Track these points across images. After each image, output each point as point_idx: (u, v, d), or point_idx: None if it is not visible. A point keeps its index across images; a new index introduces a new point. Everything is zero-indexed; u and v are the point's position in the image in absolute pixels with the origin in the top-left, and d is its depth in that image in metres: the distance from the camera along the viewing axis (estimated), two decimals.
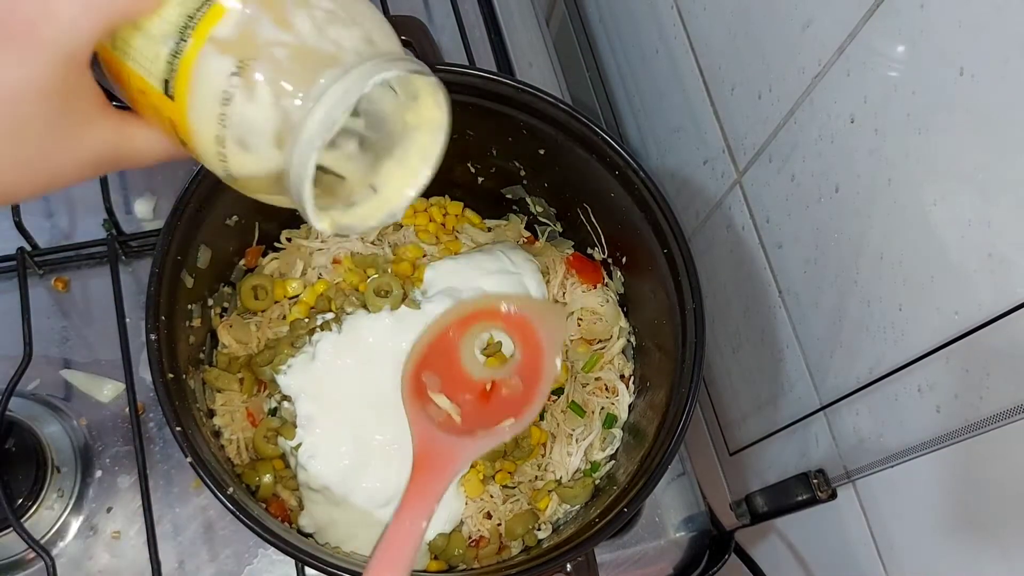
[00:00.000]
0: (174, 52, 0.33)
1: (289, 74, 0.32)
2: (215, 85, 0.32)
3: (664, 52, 0.71)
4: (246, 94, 0.32)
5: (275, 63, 0.32)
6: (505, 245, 0.70)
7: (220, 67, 0.32)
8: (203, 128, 0.33)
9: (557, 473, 0.64)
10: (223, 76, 0.32)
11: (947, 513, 0.49)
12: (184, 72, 0.33)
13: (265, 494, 0.61)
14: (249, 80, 0.32)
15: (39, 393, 0.67)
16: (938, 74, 0.42)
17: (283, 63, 0.32)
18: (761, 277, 0.63)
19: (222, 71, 0.32)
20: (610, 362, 0.69)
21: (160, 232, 0.56)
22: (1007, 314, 0.41)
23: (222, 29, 0.32)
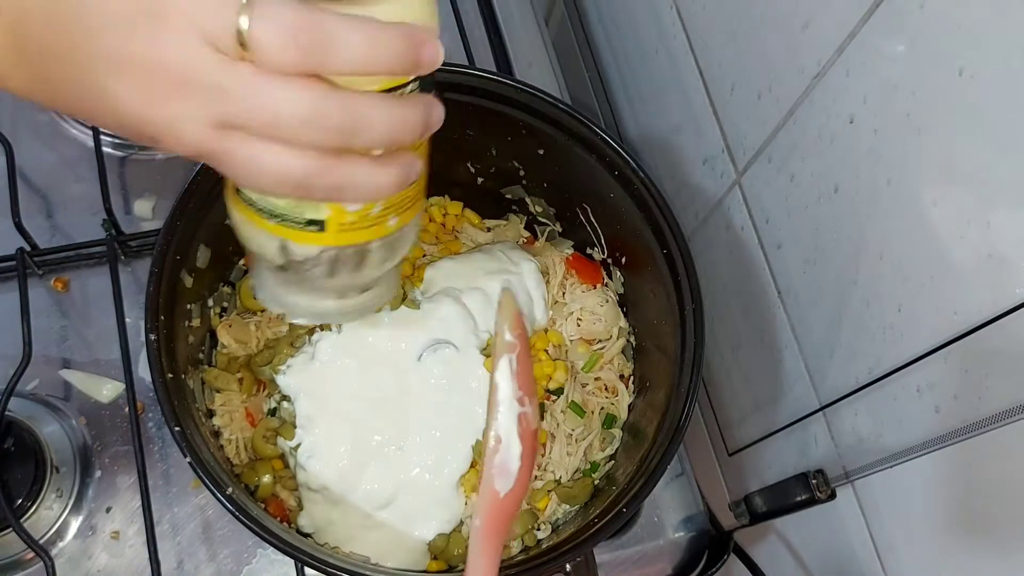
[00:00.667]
0: (256, 207, 0.37)
1: (302, 291, 0.42)
2: (260, 248, 0.39)
3: (663, 52, 0.71)
4: (271, 272, 0.41)
5: (301, 284, 0.41)
6: (505, 245, 0.70)
7: (271, 253, 0.39)
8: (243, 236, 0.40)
9: (556, 473, 0.64)
10: (267, 255, 0.39)
11: (946, 513, 0.49)
12: (250, 217, 0.38)
13: (264, 494, 0.61)
14: (279, 272, 0.40)
15: (39, 393, 0.67)
16: (938, 74, 0.42)
17: (304, 287, 0.42)
18: (760, 277, 0.63)
19: (269, 255, 0.39)
20: (610, 362, 0.69)
21: (159, 232, 0.56)
22: (1006, 314, 0.41)
23: (295, 249, 0.38)
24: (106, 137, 0.74)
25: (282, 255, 0.38)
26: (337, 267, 0.39)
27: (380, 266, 0.40)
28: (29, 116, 0.76)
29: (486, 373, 0.63)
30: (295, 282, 0.41)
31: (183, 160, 0.76)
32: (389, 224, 0.38)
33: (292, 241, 0.37)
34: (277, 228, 0.37)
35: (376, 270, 0.40)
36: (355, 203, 0.36)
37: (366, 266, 0.40)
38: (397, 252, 0.41)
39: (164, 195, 0.74)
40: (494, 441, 0.41)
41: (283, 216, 0.36)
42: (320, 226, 0.36)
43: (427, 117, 0.34)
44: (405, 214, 0.39)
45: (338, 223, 0.36)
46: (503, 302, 0.46)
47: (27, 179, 0.73)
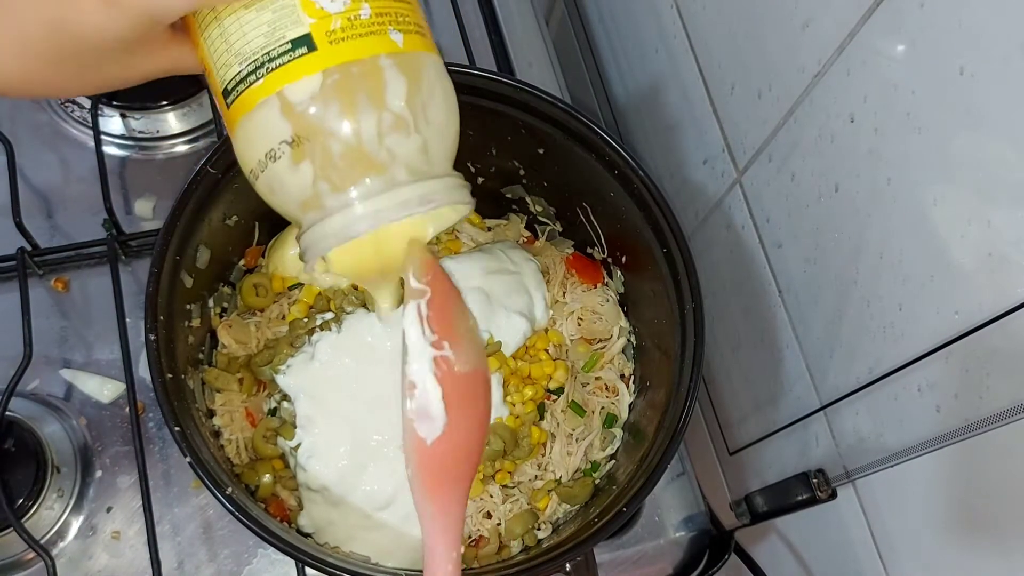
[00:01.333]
0: (243, 78, 0.33)
1: (334, 169, 0.33)
2: (266, 138, 0.33)
3: (664, 51, 0.71)
4: (290, 163, 0.33)
5: (326, 153, 0.33)
6: (505, 244, 0.70)
7: (277, 127, 0.33)
8: (244, 154, 0.34)
9: (557, 473, 0.64)
10: (276, 137, 0.33)
11: (947, 513, 0.49)
12: (245, 104, 0.33)
13: (264, 494, 0.61)
14: (297, 155, 0.33)
15: (39, 393, 0.67)
16: (938, 73, 0.42)
17: (333, 157, 0.33)
18: (761, 276, 0.63)
19: (277, 132, 0.33)
20: (610, 362, 0.68)
21: (159, 232, 0.56)
22: (1007, 314, 0.41)
23: (294, 93, 0.32)
24: (107, 137, 0.74)
25: (287, 116, 0.32)
26: (353, 96, 0.32)
27: (411, 107, 0.34)
28: (29, 116, 0.76)
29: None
30: (325, 168, 0.33)
31: (183, 160, 0.76)
32: (392, 37, 0.33)
33: (289, 84, 0.32)
34: (268, 81, 0.32)
35: (408, 112, 0.33)
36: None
37: (388, 98, 0.33)
38: (425, 92, 0.34)
39: (164, 195, 0.74)
40: (407, 388, 0.36)
41: (267, 54, 0.32)
42: (308, 44, 0.32)
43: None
44: (412, 36, 0.34)
45: (325, 32, 0.32)
46: (408, 250, 0.40)
47: (27, 179, 0.73)
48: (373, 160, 0.33)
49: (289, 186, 0.34)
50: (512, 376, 0.64)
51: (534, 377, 0.65)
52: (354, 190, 0.33)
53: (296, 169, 0.33)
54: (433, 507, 0.37)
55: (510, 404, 0.63)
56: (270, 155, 0.33)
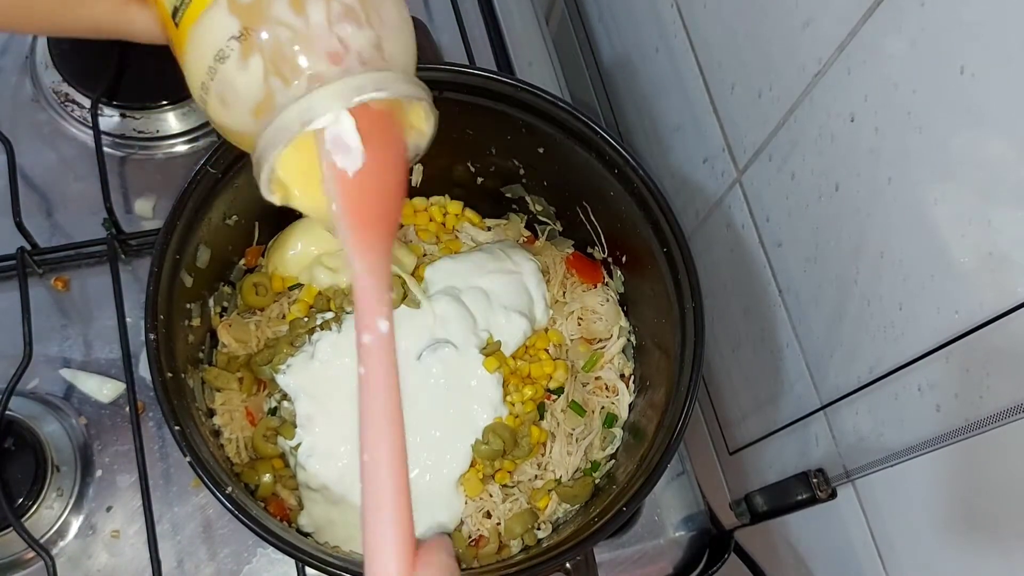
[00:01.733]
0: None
1: (285, 59, 0.32)
2: (214, 39, 0.32)
3: (664, 50, 0.71)
4: (239, 61, 0.32)
5: (276, 42, 0.32)
6: (505, 244, 0.70)
7: (224, 25, 0.32)
8: (194, 68, 0.33)
9: (557, 472, 0.64)
10: (224, 35, 0.32)
11: (947, 512, 0.49)
12: (192, 13, 0.32)
13: (264, 493, 0.61)
14: (246, 49, 0.32)
15: (39, 392, 0.67)
16: (939, 72, 0.42)
17: (283, 46, 0.32)
18: (761, 276, 0.63)
19: (224, 30, 0.32)
20: (610, 361, 0.68)
21: (159, 231, 0.56)
22: (1007, 313, 0.41)
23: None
24: (107, 136, 0.74)
25: (233, 10, 0.31)
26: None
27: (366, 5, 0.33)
28: (29, 115, 0.76)
29: (486, 373, 0.63)
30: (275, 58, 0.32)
31: (183, 159, 0.76)
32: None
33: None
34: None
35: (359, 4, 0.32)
36: None
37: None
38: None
39: (164, 194, 0.74)
40: (322, 125, 0.33)
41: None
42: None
43: None
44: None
45: None
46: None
47: (27, 178, 0.73)
48: (324, 48, 0.32)
49: (240, 89, 0.32)
50: (512, 376, 0.64)
51: (534, 377, 0.65)
52: (306, 79, 0.32)
53: (246, 66, 0.32)
54: (361, 242, 0.35)
55: (510, 404, 0.63)
56: (219, 56, 0.32)
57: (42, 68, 0.77)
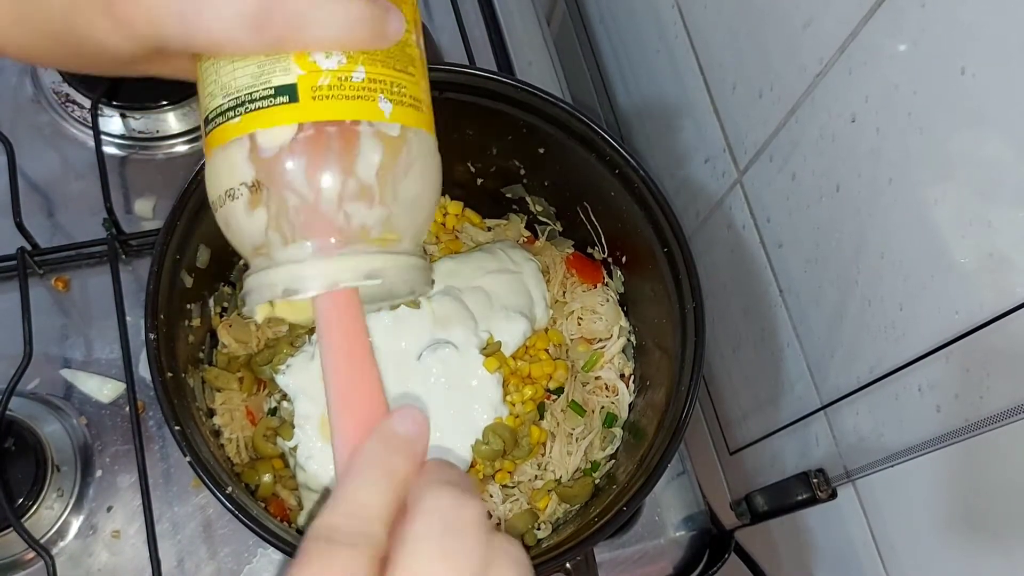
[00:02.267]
0: (222, 111, 0.32)
1: (287, 222, 0.32)
2: (229, 177, 0.32)
3: (665, 51, 0.71)
4: (246, 206, 0.32)
5: (282, 205, 0.32)
6: (505, 244, 0.70)
7: (240, 168, 0.32)
8: (211, 182, 0.34)
9: (557, 472, 0.64)
10: (237, 178, 0.32)
11: (947, 513, 0.49)
12: (219, 137, 0.33)
13: (265, 493, 0.61)
14: (254, 200, 0.32)
15: (39, 392, 0.67)
16: (940, 73, 0.42)
17: (289, 211, 0.32)
18: (761, 276, 0.63)
19: (239, 173, 0.32)
20: (610, 361, 0.68)
21: (160, 232, 0.56)
22: (1007, 314, 0.41)
23: (264, 138, 0.32)
24: (107, 136, 0.74)
25: (252, 161, 0.32)
26: (320, 158, 0.31)
27: (380, 179, 0.32)
28: (29, 116, 0.76)
29: (486, 373, 0.63)
30: (278, 218, 0.32)
31: (183, 159, 0.76)
32: (380, 107, 0.32)
33: (261, 129, 0.31)
34: (244, 121, 0.32)
35: (376, 183, 0.32)
36: (318, 41, 0.30)
37: (358, 165, 0.31)
38: (401, 166, 0.33)
39: (164, 195, 0.74)
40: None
41: (249, 94, 0.31)
42: (290, 94, 0.31)
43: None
44: (403, 109, 0.33)
45: (311, 86, 0.31)
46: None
47: (28, 179, 0.73)
48: (328, 222, 0.32)
49: (243, 228, 0.33)
50: (512, 376, 0.64)
51: (534, 377, 0.65)
52: (302, 248, 0.32)
53: (251, 213, 0.32)
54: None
55: (510, 404, 0.63)
56: (229, 193, 0.33)
57: (42, 68, 0.77)
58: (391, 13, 0.31)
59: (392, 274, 0.33)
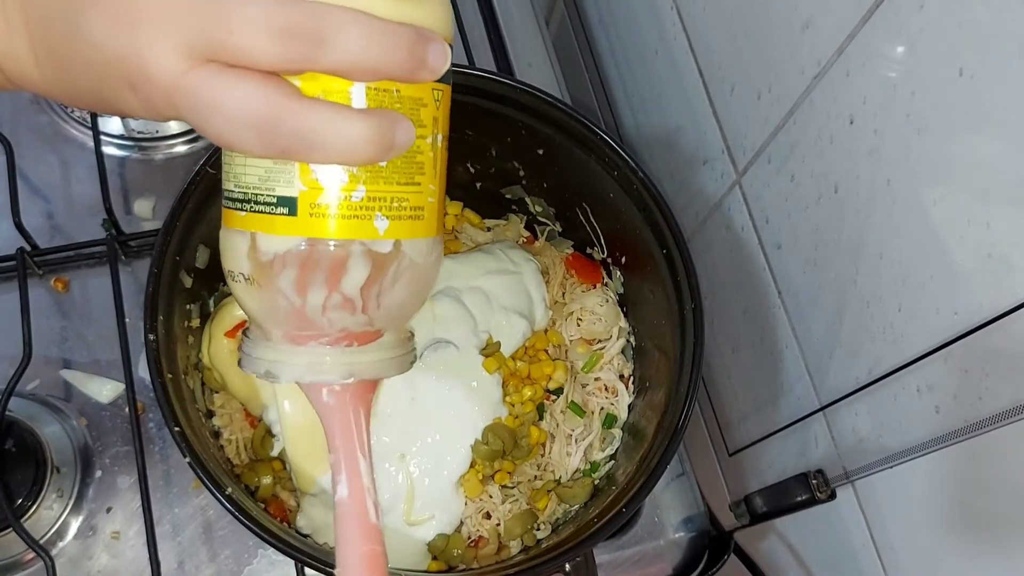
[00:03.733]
0: (233, 199, 0.35)
1: (275, 318, 0.35)
2: (232, 261, 0.35)
3: (663, 52, 0.71)
4: (244, 291, 0.35)
5: (272, 304, 0.35)
6: (505, 244, 0.70)
7: (242, 260, 0.35)
8: (222, 252, 0.37)
9: (556, 473, 0.64)
10: (238, 266, 0.35)
11: (946, 513, 0.49)
12: (229, 219, 0.35)
13: (264, 495, 0.61)
14: (251, 291, 0.35)
15: (39, 393, 0.67)
16: (938, 75, 0.42)
17: (278, 311, 0.35)
18: (760, 277, 0.63)
19: (241, 264, 0.35)
20: (609, 362, 0.69)
21: (159, 232, 0.56)
22: (1006, 314, 0.41)
23: (263, 243, 0.34)
24: (106, 137, 0.74)
25: (250, 258, 0.34)
26: (309, 273, 0.33)
27: (365, 294, 0.34)
28: (29, 116, 0.76)
29: (486, 374, 0.63)
30: (269, 312, 0.35)
31: (183, 160, 0.76)
32: (376, 225, 0.33)
33: (261, 233, 0.34)
34: (248, 219, 0.34)
35: (359, 297, 0.34)
36: (323, 159, 0.31)
37: (344, 283, 0.34)
38: (387, 281, 0.35)
39: (164, 195, 0.74)
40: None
41: (254, 195, 0.33)
42: (291, 207, 0.32)
43: (415, 48, 0.30)
44: (400, 223, 0.34)
45: (310, 204, 0.32)
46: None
47: (27, 179, 0.73)
48: (312, 325, 0.35)
49: (243, 303, 0.36)
50: (512, 376, 0.64)
51: (534, 377, 0.65)
52: (287, 343, 0.36)
53: (247, 298, 0.36)
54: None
55: (509, 404, 0.63)
56: (231, 275, 0.36)
57: None
58: (399, 126, 0.31)
59: (370, 368, 0.37)
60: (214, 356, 0.62)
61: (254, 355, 0.37)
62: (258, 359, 0.37)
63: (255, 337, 0.37)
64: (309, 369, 0.36)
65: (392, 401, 0.60)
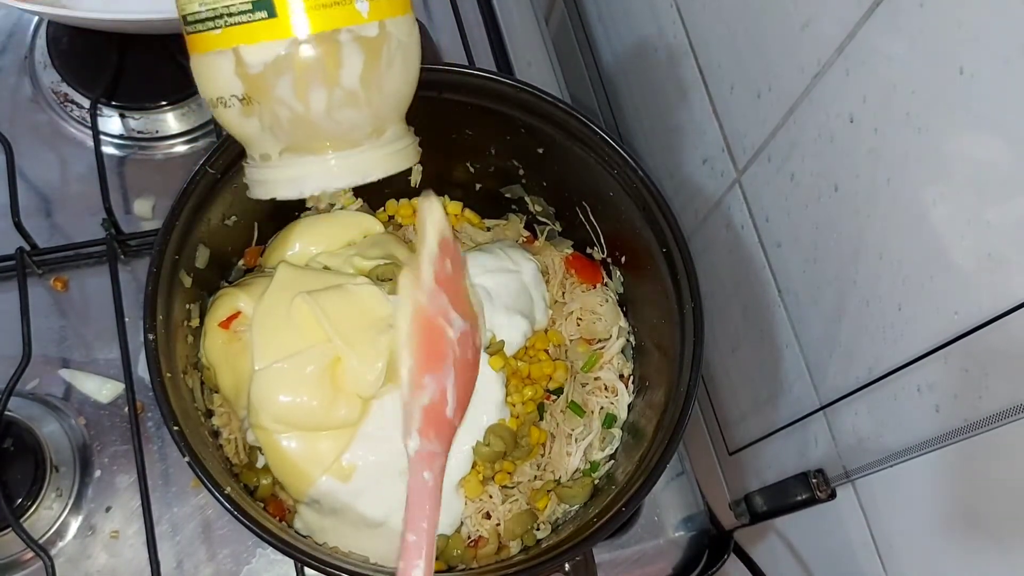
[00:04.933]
0: (201, 19, 0.32)
1: (281, 130, 0.33)
2: (218, 87, 0.33)
3: (663, 51, 0.71)
4: (238, 114, 0.33)
5: (275, 117, 0.33)
6: (504, 244, 0.70)
7: (228, 81, 0.32)
8: (200, 85, 0.34)
9: (556, 473, 0.64)
10: (227, 89, 0.33)
11: (947, 513, 0.49)
12: (202, 44, 0.33)
13: (263, 494, 0.61)
14: (247, 111, 0.33)
15: (38, 393, 0.67)
16: (938, 73, 0.42)
17: (281, 121, 0.33)
18: (760, 276, 0.63)
19: (228, 86, 0.33)
20: (609, 362, 0.68)
21: (158, 232, 0.56)
22: (1006, 314, 0.41)
23: (249, 55, 0.32)
24: (106, 136, 0.74)
25: (239, 75, 0.32)
26: (307, 73, 0.32)
27: (364, 82, 0.33)
28: (28, 115, 0.76)
29: (490, 372, 0.62)
30: (271, 127, 0.33)
31: (182, 160, 0.76)
32: (357, 7, 0.32)
33: (244, 45, 0.32)
34: (225, 34, 0.32)
35: (361, 88, 0.33)
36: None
37: (343, 76, 0.32)
38: (383, 64, 0.34)
39: (164, 195, 0.74)
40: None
41: (226, 7, 0.31)
42: (268, 8, 0.31)
43: None
44: (380, 2, 0.33)
45: (287, 2, 0.31)
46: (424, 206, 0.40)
47: (27, 179, 0.73)
48: (320, 130, 0.33)
49: (238, 130, 0.34)
50: (512, 376, 0.64)
51: (534, 377, 0.65)
52: (300, 152, 0.34)
53: (246, 121, 0.33)
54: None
55: (511, 405, 0.63)
56: (222, 101, 0.33)
57: (41, 68, 0.77)
58: None
59: (384, 163, 0.35)
60: (208, 350, 0.62)
61: (261, 179, 0.34)
62: (265, 181, 0.34)
63: (256, 163, 0.35)
64: (323, 177, 0.34)
65: (386, 415, 0.60)
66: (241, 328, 0.60)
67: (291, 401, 0.56)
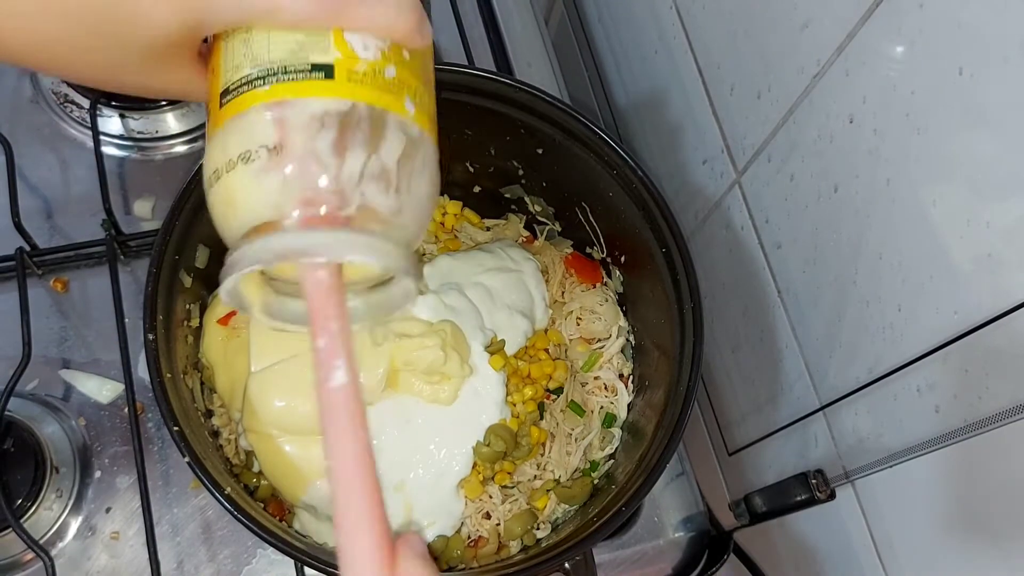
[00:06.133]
0: (249, 80, 0.32)
1: (302, 189, 0.32)
2: (248, 140, 0.32)
3: (663, 52, 0.71)
4: (261, 169, 0.32)
5: (303, 171, 0.31)
6: (504, 243, 0.70)
7: (264, 131, 0.32)
8: (216, 152, 0.33)
9: (556, 473, 0.64)
10: (258, 140, 0.32)
11: (946, 513, 0.49)
12: (239, 104, 0.32)
13: (263, 494, 0.61)
14: (273, 163, 0.32)
15: (38, 393, 0.67)
16: (937, 74, 0.42)
17: (308, 177, 0.31)
18: (760, 277, 0.63)
19: (262, 136, 0.32)
20: (609, 361, 0.68)
21: (158, 232, 0.56)
22: (1006, 314, 0.41)
23: (295, 106, 0.32)
24: (106, 137, 0.74)
25: (278, 124, 0.31)
26: (350, 133, 0.32)
27: (400, 168, 0.33)
28: (28, 116, 0.76)
29: (491, 371, 0.62)
30: (293, 180, 0.31)
31: (182, 160, 0.76)
32: (405, 105, 0.33)
33: (292, 97, 0.31)
34: (274, 90, 0.32)
35: (395, 170, 0.33)
36: (370, 21, 0.32)
37: (383, 149, 0.32)
38: (418, 164, 0.34)
39: (163, 195, 0.74)
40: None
41: (283, 67, 0.32)
42: (327, 72, 0.32)
43: (422, 20, 0.34)
44: (422, 114, 0.34)
45: (348, 70, 0.32)
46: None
47: (26, 179, 0.73)
48: (345, 196, 0.32)
49: (248, 194, 0.32)
50: (513, 375, 0.64)
51: (534, 377, 0.65)
52: (314, 219, 0.32)
53: (264, 177, 0.32)
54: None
55: (511, 404, 0.63)
56: (243, 156, 0.32)
57: None
58: (426, 20, 0.33)
59: (402, 263, 0.33)
60: (207, 348, 0.62)
61: (272, 244, 0.32)
62: (270, 248, 0.32)
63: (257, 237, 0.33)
64: (338, 246, 0.31)
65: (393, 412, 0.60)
66: (239, 324, 0.60)
67: (286, 405, 0.57)
